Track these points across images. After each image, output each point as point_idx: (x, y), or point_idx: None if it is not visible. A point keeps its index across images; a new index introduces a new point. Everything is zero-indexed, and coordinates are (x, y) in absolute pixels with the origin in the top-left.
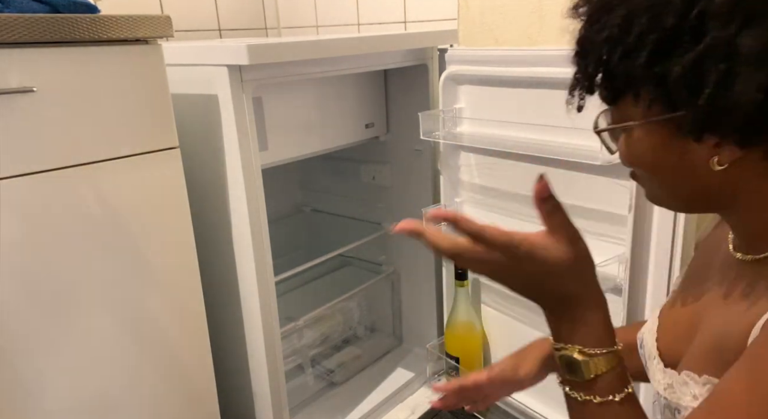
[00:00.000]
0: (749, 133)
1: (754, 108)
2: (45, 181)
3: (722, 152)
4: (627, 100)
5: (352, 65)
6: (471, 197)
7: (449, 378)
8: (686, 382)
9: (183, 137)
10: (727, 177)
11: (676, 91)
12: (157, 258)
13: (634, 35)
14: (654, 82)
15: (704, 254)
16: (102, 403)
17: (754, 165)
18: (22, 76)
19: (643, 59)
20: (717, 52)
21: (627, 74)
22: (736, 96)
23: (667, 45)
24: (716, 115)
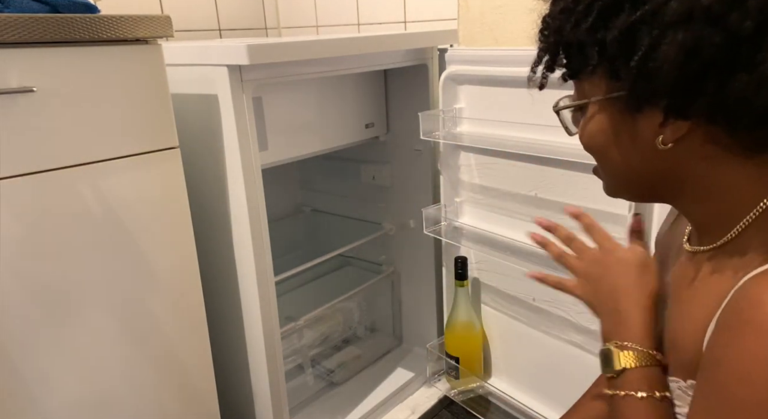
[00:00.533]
0: (681, 99)
1: (677, 69)
2: (45, 181)
3: (666, 129)
4: (584, 80)
5: (352, 65)
6: (471, 197)
7: (449, 378)
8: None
9: (183, 137)
10: (674, 159)
11: (614, 56)
12: (157, 258)
13: (583, 4)
14: (596, 47)
15: (663, 249)
16: (101, 403)
17: (698, 147)
18: (22, 76)
19: (588, 24)
20: (650, 18)
21: (577, 42)
22: (662, 57)
23: (610, 12)
24: (647, 79)
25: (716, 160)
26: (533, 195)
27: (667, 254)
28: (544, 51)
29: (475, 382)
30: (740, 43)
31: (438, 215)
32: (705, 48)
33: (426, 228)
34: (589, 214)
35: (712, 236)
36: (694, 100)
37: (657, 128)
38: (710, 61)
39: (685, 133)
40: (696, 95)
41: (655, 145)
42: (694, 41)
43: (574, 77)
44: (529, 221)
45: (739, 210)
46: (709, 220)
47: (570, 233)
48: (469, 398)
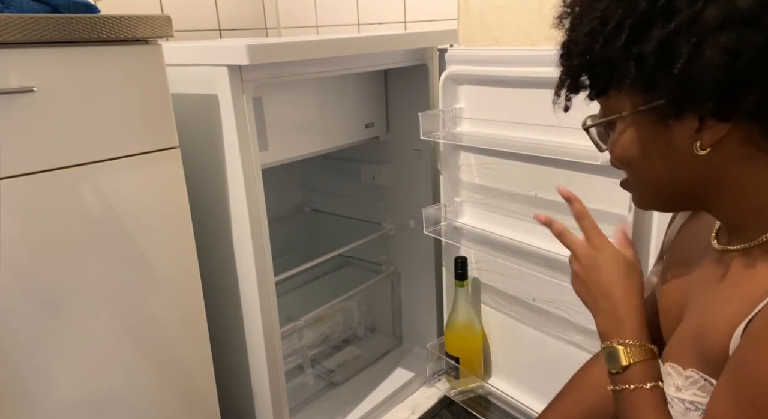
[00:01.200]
0: (724, 102)
1: (723, 71)
2: (45, 181)
3: (704, 134)
4: (612, 96)
5: (352, 65)
6: (471, 197)
7: (449, 378)
8: (669, 373)
9: (183, 137)
10: (710, 164)
11: (653, 67)
12: (157, 258)
13: (613, 23)
14: (632, 61)
15: (687, 240)
16: (102, 403)
17: (734, 150)
18: (22, 76)
19: (622, 41)
20: (686, 27)
21: (609, 59)
22: (706, 62)
23: (643, 27)
24: (691, 85)
25: (752, 160)
26: (533, 195)
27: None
28: (566, 75)
29: (475, 382)
30: None
31: (438, 215)
32: (748, 49)
33: (426, 228)
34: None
35: (746, 234)
36: (741, 101)
37: (694, 134)
38: (754, 60)
39: (722, 135)
40: (743, 95)
41: (692, 151)
42: (736, 43)
43: (601, 96)
44: (529, 221)
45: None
46: (743, 220)
47: (563, 228)
48: (469, 398)
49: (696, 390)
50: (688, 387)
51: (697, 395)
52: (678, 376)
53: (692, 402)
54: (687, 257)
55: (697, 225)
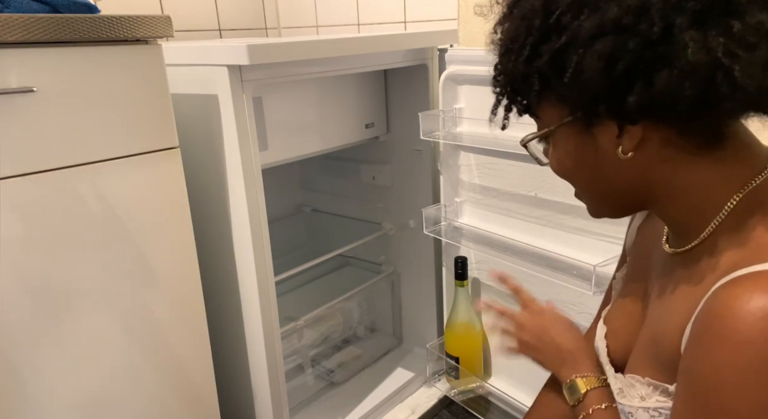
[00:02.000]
0: (615, 102)
1: (602, 75)
2: (45, 181)
3: (623, 139)
4: (542, 112)
5: (352, 65)
6: (471, 197)
7: (449, 378)
8: (632, 384)
9: (183, 137)
10: (639, 167)
11: (551, 79)
12: (157, 258)
13: (519, 42)
14: (535, 75)
15: (645, 241)
16: (102, 403)
17: (656, 152)
18: (22, 76)
19: (524, 57)
20: (572, 40)
21: (519, 75)
22: (587, 68)
23: (539, 43)
24: (580, 91)
25: (676, 161)
26: (533, 195)
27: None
28: (500, 94)
29: (475, 382)
30: (655, 44)
31: (438, 215)
32: (622, 53)
33: (426, 228)
34: (513, 278)
35: (688, 236)
36: (625, 101)
37: (615, 140)
38: (631, 63)
39: (640, 139)
40: (626, 96)
41: (617, 156)
42: (611, 49)
43: (529, 109)
44: (529, 221)
45: (709, 210)
46: (681, 222)
47: (505, 307)
48: (469, 398)
49: (658, 396)
50: (651, 394)
51: (659, 401)
52: (640, 386)
53: (656, 409)
54: (645, 261)
55: (653, 228)
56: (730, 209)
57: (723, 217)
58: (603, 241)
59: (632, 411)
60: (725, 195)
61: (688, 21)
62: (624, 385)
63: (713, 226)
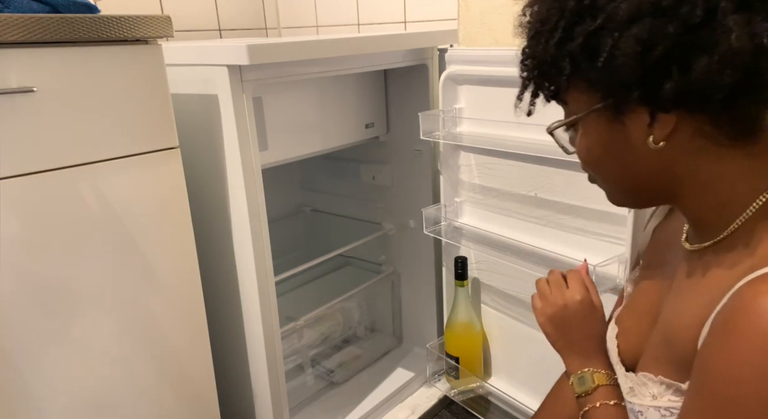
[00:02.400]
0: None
1: (638, 60)
2: (45, 181)
3: (655, 128)
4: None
5: (352, 65)
6: (471, 197)
7: (449, 378)
8: (644, 383)
9: (183, 137)
10: (668, 158)
11: (583, 63)
12: (157, 258)
13: (550, 24)
14: (567, 59)
15: (660, 241)
16: (102, 403)
17: (687, 142)
18: (22, 76)
19: (556, 40)
20: (607, 23)
21: (550, 58)
22: (623, 53)
23: (572, 26)
24: (615, 76)
25: (707, 152)
26: (533, 195)
27: (665, 252)
28: (527, 79)
29: (475, 382)
30: (695, 29)
31: (438, 215)
32: (660, 38)
33: (426, 228)
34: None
35: (710, 232)
36: (661, 88)
37: (646, 129)
38: (668, 49)
39: (672, 128)
40: (662, 83)
41: (647, 146)
42: (648, 34)
43: (557, 95)
44: (529, 221)
45: (736, 205)
46: (706, 216)
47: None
48: (469, 398)
49: (670, 396)
50: (663, 393)
51: (671, 400)
52: (652, 384)
53: (667, 409)
54: (660, 260)
55: (671, 228)
56: (760, 206)
57: (751, 213)
58: (603, 241)
59: (642, 410)
60: (754, 190)
61: (733, 5)
62: (635, 384)
63: (740, 222)
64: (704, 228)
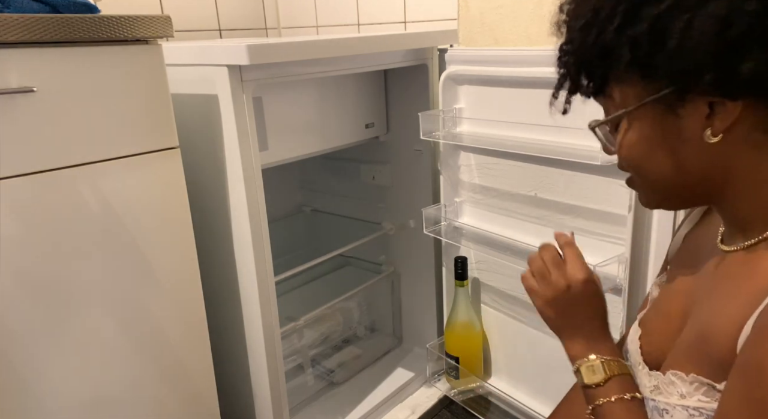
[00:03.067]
0: (722, 73)
1: (715, 41)
2: (45, 181)
3: (714, 120)
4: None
5: (352, 65)
6: (471, 197)
7: (449, 378)
8: (673, 381)
9: (183, 137)
10: (722, 154)
11: (648, 47)
12: (157, 258)
13: (605, 12)
14: (627, 45)
15: (692, 246)
16: (102, 403)
17: (745, 136)
18: (22, 76)
19: (615, 25)
20: (677, 3)
21: (603, 48)
22: (698, 33)
23: (635, 10)
24: (686, 60)
25: (763, 149)
26: (533, 195)
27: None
28: (564, 76)
29: (475, 382)
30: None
31: (438, 215)
32: (740, 16)
33: (426, 228)
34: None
35: (750, 232)
36: (738, 70)
37: (704, 121)
38: (748, 28)
39: (734, 120)
40: (740, 64)
41: (702, 141)
42: (727, 10)
43: (602, 90)
44: (529, 221)
45: None
46: (750, 216)
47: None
48: (469, 398)
49: (701, 396)
50: (693, 393)
51: (701, 401)
52: (682, 383)
53: (696, 409)
54: (691, 264)
55: (703, 233)
56: None
57: None
58: (603, 241)
59: (668, 409)
60: None
61: None
62: (661, 382)
63: None
64: (745, 228)
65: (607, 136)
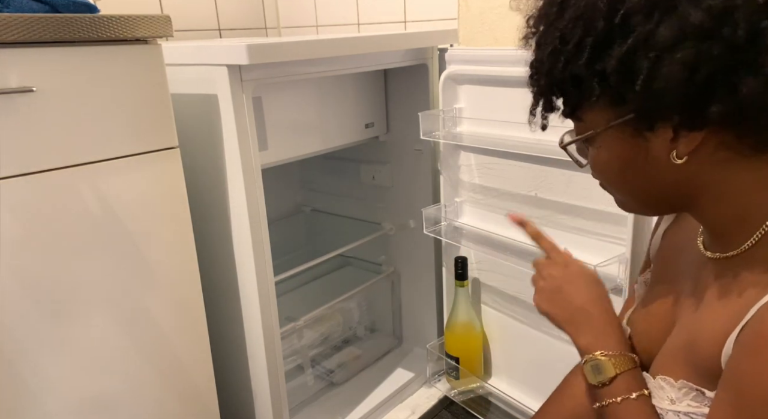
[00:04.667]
0: (690, 114)
1: (683, 85)
2: (45, 181)
3: (679, 144)
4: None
5: (352, 65)
6: (471, 197)
7: (449, 378)
8: (662, 386)
9: (183, 137)
10: (689, 171)
11: (616, 84)
12: (157, 258)
13: (573, 43)
14: (596, 79)
15: (671, 244)
16: (102, 403)
17: (711, 156)
18: (21, 76)
19: (584, 60)
20: (643, 44)
21: (573, 77)
22: (666, 77)
23: (603, 45)
24: (655, 100)
25: (729, 165)
26: (533, 195)
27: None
28: (539, 94)
29: (475, 382)
30: (739, 50)
31: (438, 215)
32: (706, 61)
33: (426, 228)
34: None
35: (730, 241)
36: (706, 111)
37: (669, 145)
38: (714, 71)
39: (697, 143)
40: (707, 105)
41: (669, 161)
42: (694, 57)
43: (574, 113)
44: None
45: (756, 216)
46: (726, 225)
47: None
48: (469, 398)
49: (689, 401)
50: (682, 398)
51: (690, 406)
52: (671, 389)
53: (687, 414)
54: (674, 265)
55: (682, 230)
56: None
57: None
58: (603, 241)
59: (662, 414)
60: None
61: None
62: (652, 387)
63: (763, 231)
64: (723, 236)
65: (582, 151)
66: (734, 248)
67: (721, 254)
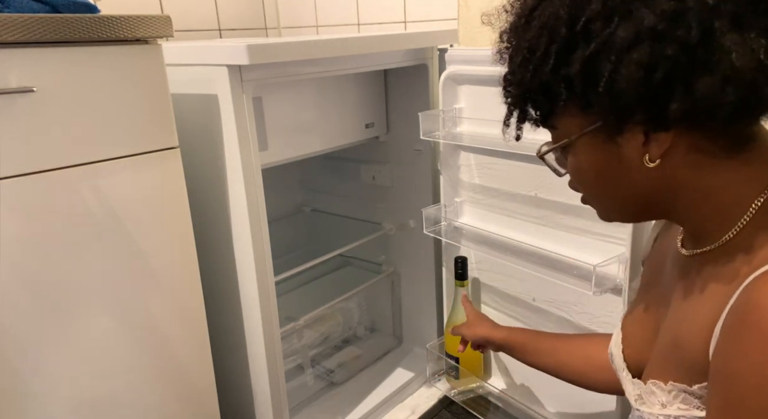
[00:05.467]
0: (654, 110)
1: (642, 85)
2: (45, 181)
3: (650, 147)
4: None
5: (352, 65)
6: (471, 197)
7: (449, 378)
8: (653, 391)
9: (183, 137)
10: (663, 174)
11: (581, 88)
12: (157, 258)
13: (540, 51)
14: (562, 84)
15: (659, 251)
16: (101, 403)
17: (683, 158)
18: (21, 76)
19: (550, 66)
20: (604, 48)
21: (542, 85)
22: (625, 78)
23: (567, 51)
24: (617, 100)
25: (702, 165)
26: (533, 195)
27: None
28: (513, 105)
29: (475, 382)
30: (693, 50)
31: (438, 215)
32: (661, 61)
33: (426, 228)
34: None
35: (709, 238)
36: (666, 110)
37: (641, 148)
38: (670, 71)
39: (669, 146)
40: (667, 104)
41: (643, 164)
42: (649, 58)
43: (548, 120)
44: (529, 221)
45: (733, 211)
46: (704, 224)
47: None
48: (469, 398)
49: (679, 404)
50: (672, 401)
51: (681, 408)
52: (661, 393)
53: (677, 417)
54: (658, 269)
55: (670, 237)
56: (757, 209)
57: (750, 216)
58: (603, 241)
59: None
60: (751, 195)
61: (727, 24)
62: (643, 392)
63: (739, 227)
64: (702, 234)
65: (560, 160)
66: (712, 243)
67: (697, 251)
